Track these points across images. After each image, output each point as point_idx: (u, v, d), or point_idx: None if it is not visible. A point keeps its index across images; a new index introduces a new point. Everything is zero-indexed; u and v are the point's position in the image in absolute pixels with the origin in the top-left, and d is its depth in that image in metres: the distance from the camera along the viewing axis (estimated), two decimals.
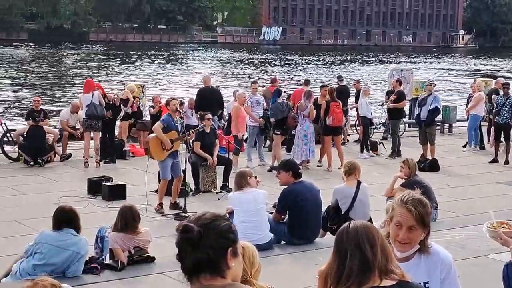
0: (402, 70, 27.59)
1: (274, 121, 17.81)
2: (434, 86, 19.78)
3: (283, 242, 10.73)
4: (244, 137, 18.42)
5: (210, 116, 15.76)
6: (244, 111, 17.51)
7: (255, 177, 10.70)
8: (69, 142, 19.04)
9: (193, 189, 14.80)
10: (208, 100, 18.90)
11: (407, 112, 24.12)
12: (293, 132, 18.03)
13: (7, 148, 18.48)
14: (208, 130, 15.33)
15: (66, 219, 8.72)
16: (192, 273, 2.95)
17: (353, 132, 23.75)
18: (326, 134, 18.08)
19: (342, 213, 11.10)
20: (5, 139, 18.48)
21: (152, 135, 13.54)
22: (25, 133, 17.88)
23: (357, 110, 21.61)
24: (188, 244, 2.93)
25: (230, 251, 2.96)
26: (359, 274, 3.47)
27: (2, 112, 20.20)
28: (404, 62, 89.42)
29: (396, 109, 20.00)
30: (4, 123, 18.97)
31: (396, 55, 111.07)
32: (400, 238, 4.05)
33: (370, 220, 10.07)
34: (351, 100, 23.42)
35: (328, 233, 11.24)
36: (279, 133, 17.80)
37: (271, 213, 10.73)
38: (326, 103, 17.96)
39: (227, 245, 2.97)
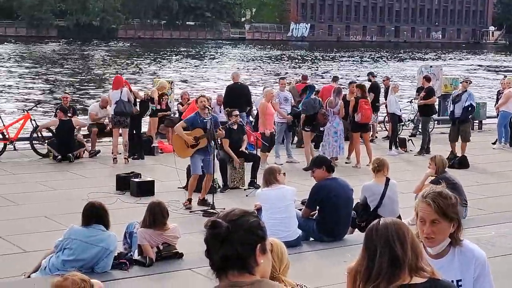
0: (431, 66, 27.45)
1: (304, 117, 17.62)
2: (469, 83, 19.57)
3: (311, 239, 10.69)
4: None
5: (237, 112, 15.75)
6: (271, 108, 17.37)
7: (284, 173, 10.68)
8: (98, 138, 19.13)
9: (221, 186, 14.82)
10: (236, 96, 18.90)
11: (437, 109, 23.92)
12: (322, 129, 17.91)
13: (36, 144, 18.58)
14: (235, 127, 15.33)
15: (95, 215, 8.76)
16: (221, 269, 2.94)
17: (382, 128, 23.66)
18: (354, 130, 18.02)
19: (371, 210, 11.05)
20: (35, 135, 18.59)
21: (175, 133, 13.66)
22: (54, 128, 18.00)
23: (386, 106, 21.52)
24: (216, 240, 2.92)
25: (259, 247, 2.95)
26: (389, 271, 3.45)
27: (31, 109, 20.29)
28: (433, 58, 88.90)
29: (426, 106, 19.83)
30: (34, 120, 19.07)
31: (425, 51, 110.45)
32: (425, 233, 4.02)
33: (399, 217, 10.02)
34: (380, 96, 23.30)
35: (356, 230, 11.20)
36: (308, 129, 17.60)
37: (300, 210, 10.71)
38: (355, 99, 17.88)
39: (255, 241, 2.95)
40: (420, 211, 4.02)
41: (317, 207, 10.68)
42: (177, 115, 20.56)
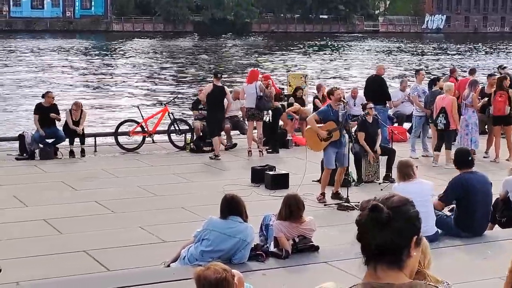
0: None
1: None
2: None
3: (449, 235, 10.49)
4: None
5: (371, 105, 15.59)
6: (456, 104, 16.67)
7: (416, 166, 10.52)
8: (232, 131, 19.33)
9: (356, 179, 14.73)
10: (372, 89, 18.70)
11: None
12: None
13: (174, 136, 18.98)
14: (370, 120, 15.19)
15: (231, 207, 8.89)
16: (371, 256, 2.78)
17: None
18: (495, 123, 17.44)
19: None
20: (172, 128, 18.99)
21: (308, 126, 13.65)
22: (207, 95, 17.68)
23: None
24: (374, 225, 2.74)
25: (414, 239, 2.80)
26: None
27: (169, 103, 20.76)
28: None
29: None
30: (171, 113, 19.48)
31: None
32: None
33: None
34: None
35: (496, 226, 10.91)
36: (431, 121, 17.38)
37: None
38: (494, 92, 17.36)
39: (413, 232, 2.80)
40: None
41: (454, 202, 10.48)
42: (311, 108, 20.49)
